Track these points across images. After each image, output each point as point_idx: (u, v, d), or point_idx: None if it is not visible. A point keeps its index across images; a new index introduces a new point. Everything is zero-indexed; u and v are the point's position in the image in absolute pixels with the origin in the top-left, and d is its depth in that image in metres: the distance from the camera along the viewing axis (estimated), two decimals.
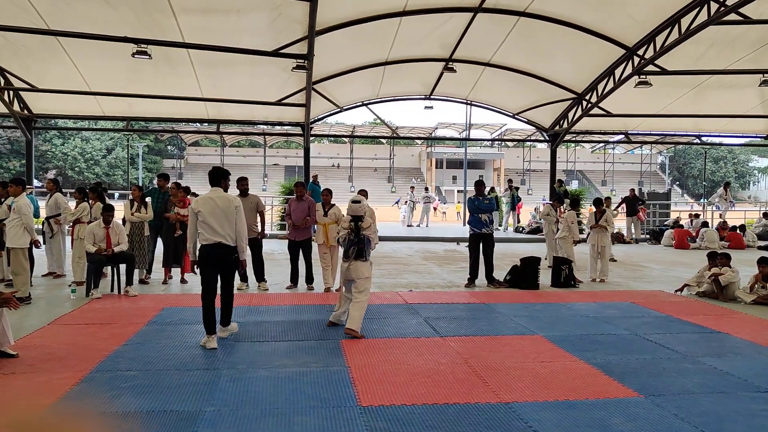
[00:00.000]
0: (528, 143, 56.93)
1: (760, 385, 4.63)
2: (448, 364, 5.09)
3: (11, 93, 14.13)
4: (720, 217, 19.06)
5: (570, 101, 16.55)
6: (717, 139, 23.09)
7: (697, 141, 21.33)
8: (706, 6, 10.63)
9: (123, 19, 11.12)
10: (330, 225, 8.29)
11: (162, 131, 40.35)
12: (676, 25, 11.62)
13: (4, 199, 8.52)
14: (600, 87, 14.95)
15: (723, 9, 10.22)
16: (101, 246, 7.76)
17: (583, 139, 23.05)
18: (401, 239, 16.71)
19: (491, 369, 4.96)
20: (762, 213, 20.96)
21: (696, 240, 16.21)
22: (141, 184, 41.25)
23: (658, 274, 11.07)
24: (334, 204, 8.49)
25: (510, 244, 16.09)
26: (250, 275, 8.62)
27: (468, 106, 18.88)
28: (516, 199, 19.71)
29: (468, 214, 9.50)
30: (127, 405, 4.06)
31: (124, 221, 8.66)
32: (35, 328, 6.10)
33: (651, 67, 13.10)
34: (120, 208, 8.79)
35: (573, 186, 45.88)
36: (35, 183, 19.35)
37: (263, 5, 11.03)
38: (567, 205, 12.17)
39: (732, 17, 10.51)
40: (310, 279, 8.67)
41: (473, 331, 6.27)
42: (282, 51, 11.95)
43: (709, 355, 5.47)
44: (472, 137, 36.94)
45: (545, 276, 9.46)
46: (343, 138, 58.80)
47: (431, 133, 42.97)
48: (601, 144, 36.88)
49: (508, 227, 19.77)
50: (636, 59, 13.11)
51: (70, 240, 9.49)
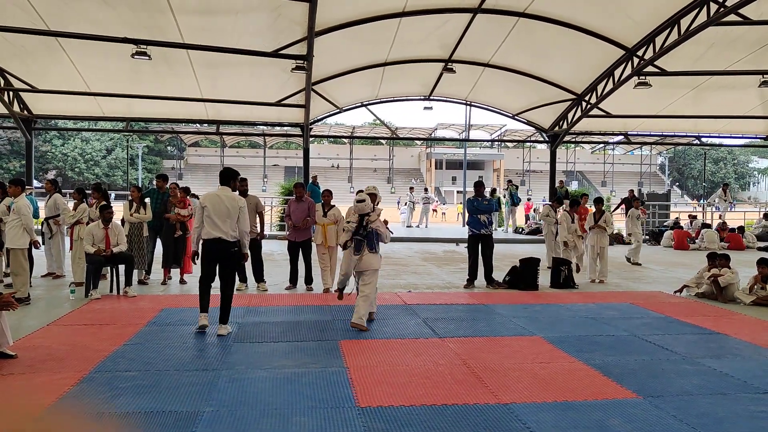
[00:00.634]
0: (528, 144, 56.90)
1: (759, 387, 4.63)
2: (446, 365, 5.09)
3: (11, 94, 14.14)
4: (720, 218, 19.05)
5: (569, 102, 16.56)
6: (717, 140, 23.08)
7: (697, 142, 21.33)
8: (705, 7, 10.63)
9: (122, 20, 11.13)
10: (329, 226, 8.30)
11: (161, 132, 40.33)
12: (675, 26, 11.62)
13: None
14: (599, 88, 14.95)
15: (722, 10, 10.22)
16: (100, 247, 7.76)
17: (583, 140, 23.05)
18: (400, 240, 16.71)
19: (490, 370, 4.96)
20: (762, 214, 20.96)
21: (696, 241, 16.22)
22: (141, 184, 41.28)
23: (657, 275, 11.07)
24: (333, 205, 8.50)
25: (509, 244, 16.09)
26: (249, 276, 8.63)
27: (467, 106, 18.87)
28: (515, 199, 19.67)
29: (467, 214, 9.50)
30: (126, 405, 4.06)
31: (123, 222, 8.66)
32: (34, 328, 6.10)
33: (650, 68, 13.10)
34: (118, 208, 8.79)
35: (573, 187, 45.86)
36: (35, 183, 19.34)
37: (263, 6, 11.04)
38: (566, 206, 12.15)
39: (732, 18, 10.50)
40: (309, 280, 8.68)
41: (472, 332, 6.27)
42: (281, 52, 11.96)
43: (708, 356, 5.47)
44: (471, 138, 36.95)
45: (544, 277, 9.46)
46: (343, 139, 58.85)
47: (431, 134, 42.96)
48: (601, 145, 36.82)
49: (508, 228, 19.76)
50: (635, 60, 13.11)
51: (69, 241, 9.49)
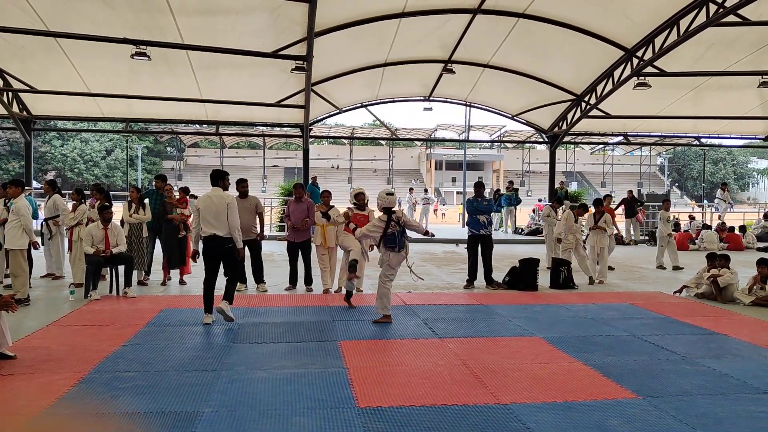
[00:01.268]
0: (527, 145, 56.87)
1: (758, 387, 4.63)
2: (446, 365, 5.09)
3: (10, 94, 14.14)
4: (719, 219, 19.06)
5: (569, 102, 16.57)
6: (716, 141, 23.12)
7: (697, 142, 21.35)
8: (704, 7, 10.65)
9: (122, 21, 11.13)
10: (328, 227, 8.29)
11: (161, 132, 40.21)
12: (674, 27, 11.64)
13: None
14: (599, 88, 14.96)
15: (722, 10, 10.24)
16: (99, 247, 7.76)
17: (583, 141, 23.08)
18: None
19: (489, 370, 4.96)
20: (762, 214, 20.95)
21: (695, 241, 16.22)
22: (140, 185, 41.27)
23: (656, 275, 11.07)
24: (333, 206, 8.49)
25: (509, 245, 16.09)
26: (248, 276, 8.62)
27: (467, 107, 18.89)
28: (514, 200, 19.67)
29: (467, 215, 9.49)
30: (126, 406, 4.06)
31: (122, 223, 8.66)
32: (34, 329, 6.10)
33: (650, 69, 13.11)
34: (118, 209, 8.79)
35: (573, 187, 45.84)
36: (34, 184, 19.33)
37: (262, 6, 11.05)
38: (566, 206, 12.17)
39: (731, 19, 10.52)
40: (308, 280, 8.68)
41: (472, 333, 6.27)
42: (281, 52, 11.97)
43: (708, 357, 5.47)
44: (471, 139, 36.85)
45: (544, 277, 9.46)
46: (343, 139, 58.81)
47: (430, 135, 42.91)
48: (601, 145, 36.86)
49: (507, 228, 19.74)
50: (635, 60, 13.12)
51: (68, 241, 9.49)
